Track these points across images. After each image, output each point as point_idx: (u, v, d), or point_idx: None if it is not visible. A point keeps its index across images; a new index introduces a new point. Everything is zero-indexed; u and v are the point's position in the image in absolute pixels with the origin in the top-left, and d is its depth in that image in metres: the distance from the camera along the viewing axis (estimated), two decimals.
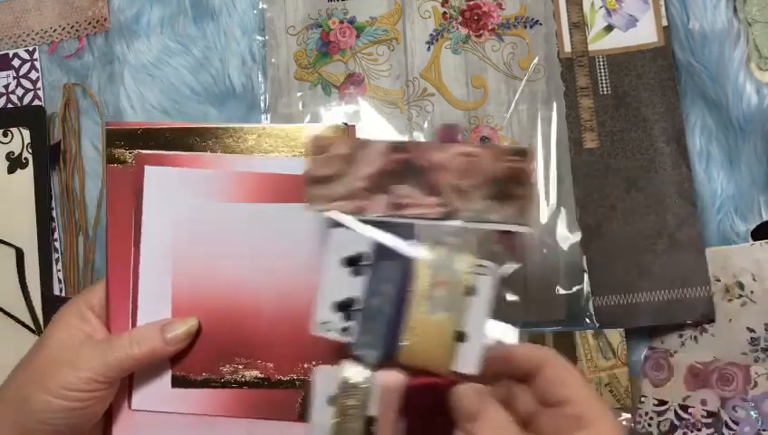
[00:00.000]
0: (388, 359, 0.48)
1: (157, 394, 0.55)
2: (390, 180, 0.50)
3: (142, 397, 0.55)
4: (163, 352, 0.53)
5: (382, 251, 0.49)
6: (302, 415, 0.54)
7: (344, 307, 0.49)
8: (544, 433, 0.47)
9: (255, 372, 0.55)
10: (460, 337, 0.48)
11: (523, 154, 0.49)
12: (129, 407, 0.55)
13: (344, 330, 0.49)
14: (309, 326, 0.49)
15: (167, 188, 0.55)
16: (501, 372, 0.49)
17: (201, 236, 0.55)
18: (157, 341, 0.53)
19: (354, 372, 0.48)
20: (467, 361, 0.47)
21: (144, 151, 0.56)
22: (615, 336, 0.66)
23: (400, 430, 0.48)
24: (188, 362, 0.55)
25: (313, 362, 0.54)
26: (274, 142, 0.56)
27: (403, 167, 0.50)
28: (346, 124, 0.56)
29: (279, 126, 0.57)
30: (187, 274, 0.55)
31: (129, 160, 0.56)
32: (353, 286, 0.49)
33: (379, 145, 0.50)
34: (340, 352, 0.49)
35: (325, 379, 0.48)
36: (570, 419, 0.46)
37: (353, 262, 0.50)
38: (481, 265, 0.48)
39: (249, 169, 0.55)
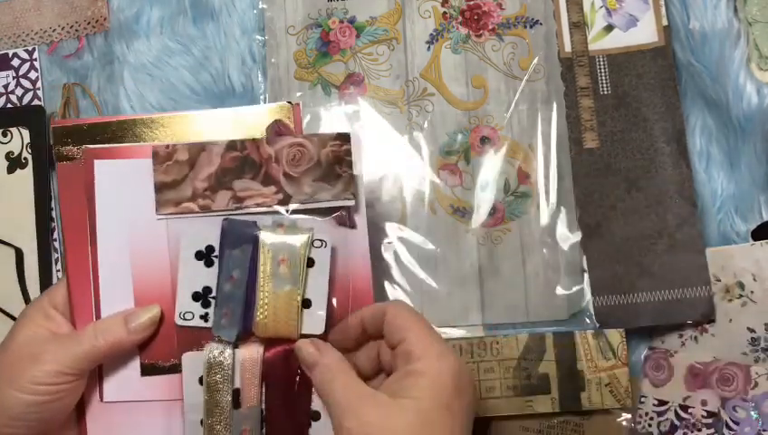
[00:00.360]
0: (245, 335, 0.55)
1: (127, 384, 0.56)
2: (230, 177, 0.56)
3: (113, 388, 0.56)
4: (128, 342, 0.54)
5: (229, 241, 0.55)
6: None
7: (201, 297, 0.55)
8: (387, 371, 0.53)
9: None
10: (306, 304, 0.55)
11: (344, 139, 0.56)
12: (101, 399, 0.56)
13: (203, 317, 0.55)
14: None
15: (117, 180, 0.56)
16: (363, 336, 0.55)
17: (157, 225, 0.56)
18: (121, 331, 0.53)
19: (217, 352, 0.54)
20: (313, 324, 0.54)
21: (91, 146, 0.56)
22: (615, 336, 0.66)
23: (264, 394, 0.54)
24: (156, 349, 0.56)
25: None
26: (223, 126, 0.58)
27: (240, 163, 0.56)
28: (290, 103, 0.59)
29: (226, 109, 0.59)
30: (146, 263, 0.56)
31: (78, 157, 0.56)
32: (207, 277, 0.56)
33: (215, 147, 0.56)
34: None
35: (192, 362, 0.55)
36: (403, 355, 0.51)
37: (204, 255, 0.56)
38: (316, 240, 0.55)
39: None
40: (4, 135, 0.72)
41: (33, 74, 0.73)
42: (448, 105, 0.71)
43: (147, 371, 0.56)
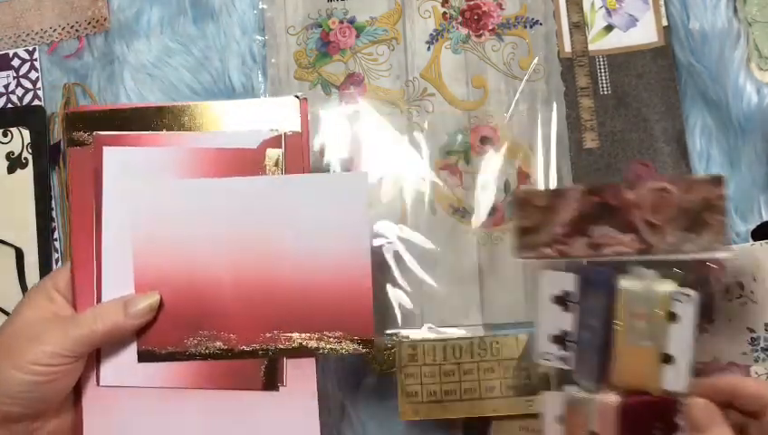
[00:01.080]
0: (602, 382, 0.54)
1: (124, 370, 0.57)
2: (588, 223, 0.55)
3: (109, 373, 0.57)
4: (126, 327, 0.55)
5: (586, 289, 0.55)
6: (266, 384, 0.57)
7: (559, 340, 0.55)
8: None
9: (219, 344, 0.57)
10: (666, 359, 0.52)
11: (717, 182, 0.51)
12: (98, 383, 0.57)
13: (562, 359, 0.55)
14: (272, 297, 0.57)
15: (125, 167, 0.58)
16: (726, 402, 0.52)
17: (160, 213, 0.57)
18: (119, 316, 0.54)
19: (577, 395, 0.54)
20: (676, 380, 0.52)
21: (102, 133, 0.58)
22: None
23: None
24: (153, 336, 0.57)
25: (275, 331, 0.57)
26: (231, 119, 0.59)
27: (598, 209, 0.55)
28: (297, 96, 0.60)
29: (234, 102, 0.60)
30: (148, 250, 0.57)
31: (89, 142, 0.58)
32: (565, 321, 0.56)
33: (573, 191, 0.56)
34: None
35: (553, 401, 0.55)
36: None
37: (562, 300, 0.56)
38: (681, 293, 0.52)
39: (205, 145, 0.58)
40: (5, 135, 0.72)
41: (33, 74, 0.74)
42: (448, 105, 0.71)
43: (143, 357, 0.57)
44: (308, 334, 0.57)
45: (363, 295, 0.57)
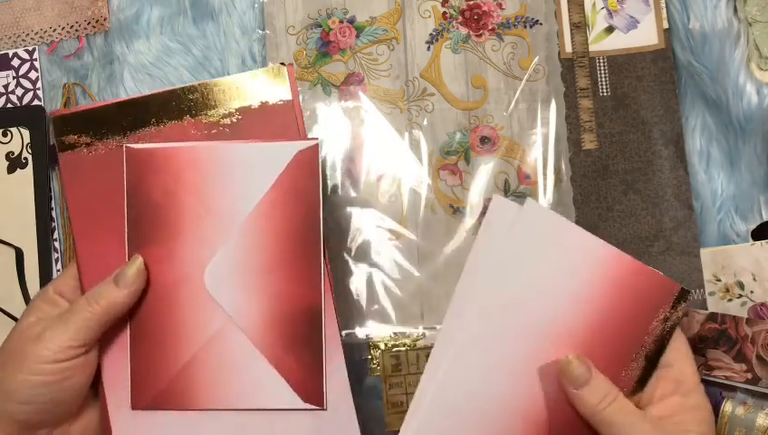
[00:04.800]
0: None
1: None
2: (706, 345, 0.65)
3: (143, 396, 0.57)
4: (122, 301, 0.55)
5: None
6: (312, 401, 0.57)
7: None
8: (649, 390, 0.55)
9: None
10: None
11: None
12: (132, 407, 0.57)
13: None
14: None
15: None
16: None
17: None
18: (112, 291, 0.55)
19: None
20: None
21: (134, 146, 0.58)
22: None
23: None
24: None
25: None
26: (216, 96, 0.59)
27: (717, 335, 0.65)
28: (283, 64, 0.60)
29: (218, 79, 0.60)
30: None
31: (80, 145, 0.58)
32: None
33: (698, 315, 0.65)
34: None
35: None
36: (671, 382, 0.54)
37: None
38: None
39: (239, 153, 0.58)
40: (4, 135, 0.73)
41: (33, 74, 0.74)
42: (448, 105, 0.72)
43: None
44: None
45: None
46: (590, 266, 0.56)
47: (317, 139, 0.57)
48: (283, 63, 0.60)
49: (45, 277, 0.72)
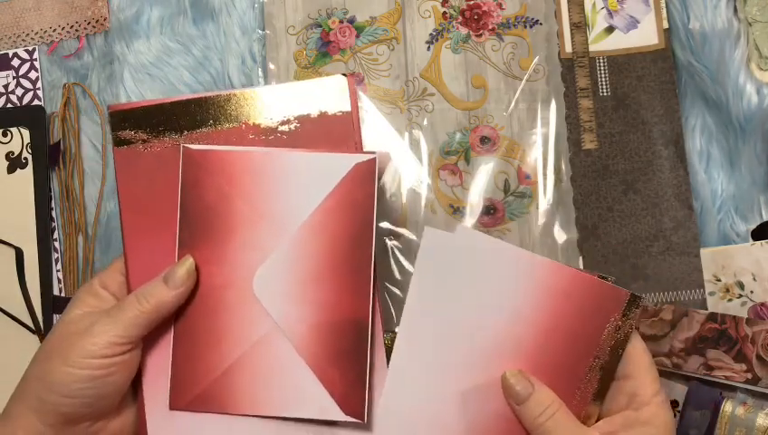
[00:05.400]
0: None
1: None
2: (706, 345, 0.65)
3: (181, 396, 0.57)
4: (171, 300, 0.55)
5: (693, 402, 0.64)
6: (353, 412, 0.56)
7: None
8: (606, 403, 0.55)
9: None
10: None
11: None
12: (169, 408, 0.57)
13: None
14: None
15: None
16: None
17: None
18: (162, 290, 0.55)
19: None
20: None
21: (192, 146, 0.58)
22: None
23: None
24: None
25: None
26: (276, 103, 0.58)
27: (717, 335, 0.65)
28: (344, 74, 0.59)
29: (278, 85, 0.60)
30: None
31: (136, 141, 0.58)
32: None
33: (697, 315, 0.66)
34: None
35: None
36: (625, 395, 0.54)
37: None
38: None
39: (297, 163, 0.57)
40: (4, 135, 0.74)
41: (33, 74, 0.75)
42: (448, 105, 0.73)
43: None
44: None
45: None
46: (529, 282, 0.56)
47: (375, 153, 0.57)
48: (344, 74, 0.59)
49: (45, 277, 0.72)
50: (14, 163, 0.73)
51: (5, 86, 0.75)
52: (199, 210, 0.57)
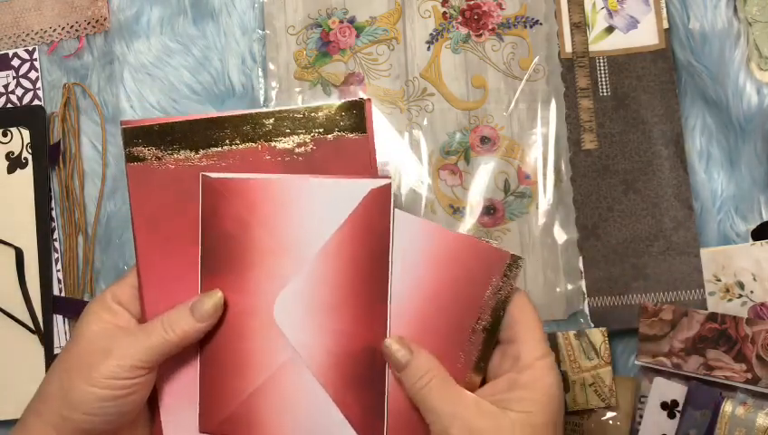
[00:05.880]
0: None
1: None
2: (705, 345, 0.66)
3: (211, 419, 0.57)
4: (196, 332, 0.55)
5: (693, 402, 0.65)
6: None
7: None
8: (492, 367, 0.54)
9: None
10: None
11: None
12: (199, 430, 0.57)
13: None
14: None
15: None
16: None
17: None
18: (188, 321, 0.55)
19: None
20: None
21: (211, 175, 0.57)
22: (597, 336, 0.68)
23: None
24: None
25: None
26: (292, 124, 0.58)
27: (717, 335, 0.66)
28: (362, 99, 0.59)
29: (294, 107, 0.59)
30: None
31: (149, 157, 0.58)
32: (667, 426, 0.66)
33: (697, 315, 0.67)
34: None
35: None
36: (509, 358, 0.53)
37: (668, 406, 0.66)
38: None
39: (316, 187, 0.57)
40: (4, 135, 0.74)
41: (33, 74, 0.75)
42: (448, 105, 0.73)
43: None
44: None
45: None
46: (416, 247, 0.56)
47: (390, 178, 0.56)
48: (362, 99, 0.59)
49: (45, 277, 0.72)
50: (14, 163, 0.73)
51: (5, 86, 0.75)
52: (220, 238, 0.57)
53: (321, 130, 0.58)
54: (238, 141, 0.58)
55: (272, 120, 0.58)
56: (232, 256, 0.57)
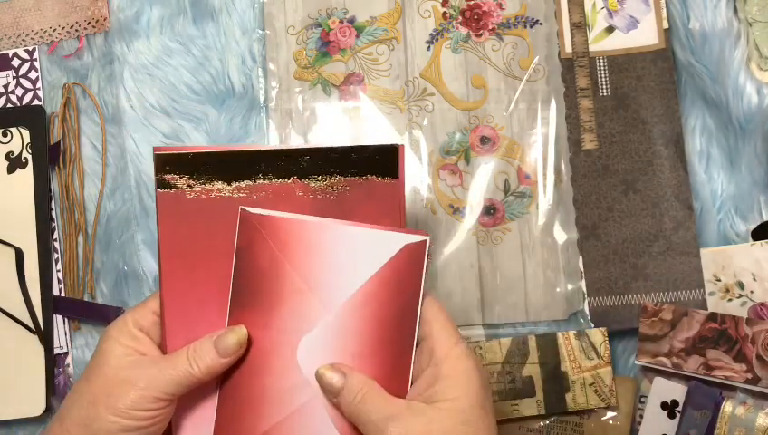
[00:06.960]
0: None
1: None
2: (705, 345, 0.66)
3: None
4: (219, 367, 0.55)
5: (693, 402, 0.65)
6: None
7: None
8: (414, 369, 0.55)
9: None
10: None
11: None
12: None
13: None
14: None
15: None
16: None
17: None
18: (212, 355, 0.55)
19: None
20: None
21: (249, 209, 0.57)
22: (597, 336, 0.69)
23: None
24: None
25: None
26: (326, 163, 0.58)
27: (717, 335, 0.66)
28: (396, 145, 0.58)
29: (330, 146, 0.58)
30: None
31: (181, 186, 0.57)
32: (668, 426, 0.67)
33: (697, 314, 0.67)
34: None
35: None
36: (425, 355, 0.54)
37: (668, 406, 0.67)
38: None
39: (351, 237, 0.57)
40: (4, 135, 0.74)
41: (33, 74, 0.75)
42: (448, 105, 0.73)
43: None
44: None
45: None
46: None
47: (428, 235, 0.56)
48: (396, 145, 0.58)
49: (45, 277, 0.72)
50: (14, 163, 0.73)
51: (5, 86, 0.75)
52: (251, 273, 0.57)
53: (354, 171, 0.58)
54: (272, 176, 0.57)
55: (307, 158, 0.58)
56: (261, 291, 0.57)
